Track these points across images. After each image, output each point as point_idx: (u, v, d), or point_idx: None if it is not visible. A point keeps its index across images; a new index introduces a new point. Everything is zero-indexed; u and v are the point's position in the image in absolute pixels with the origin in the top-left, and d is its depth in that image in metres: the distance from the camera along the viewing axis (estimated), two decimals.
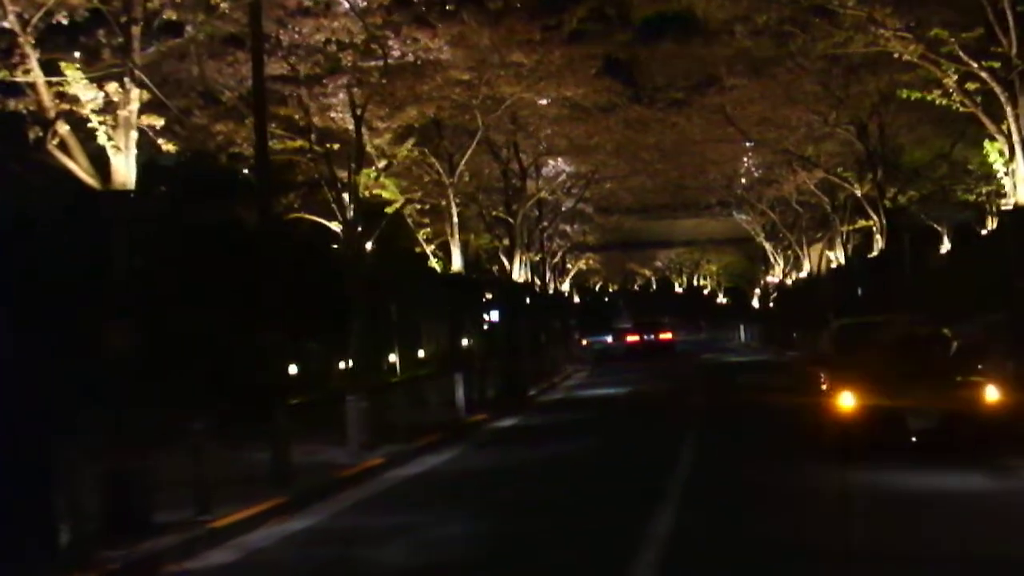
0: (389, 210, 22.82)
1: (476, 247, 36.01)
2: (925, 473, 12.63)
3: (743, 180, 45.13)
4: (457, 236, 26.64)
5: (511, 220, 32.87)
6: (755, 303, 67.94)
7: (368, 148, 20.74)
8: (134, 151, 11.45)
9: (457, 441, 19.57)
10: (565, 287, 59.87)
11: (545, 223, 41.15)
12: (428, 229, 27.77)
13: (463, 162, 26.71)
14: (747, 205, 49.08)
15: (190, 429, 11.93)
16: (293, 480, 14.13)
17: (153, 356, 12.49)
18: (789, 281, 52.67)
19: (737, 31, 22.12)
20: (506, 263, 33.94)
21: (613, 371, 42.19)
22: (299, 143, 20.10)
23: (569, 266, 58.65)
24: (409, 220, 26.92)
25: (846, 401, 14.04)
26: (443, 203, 26.65)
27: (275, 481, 13.95)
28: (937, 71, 17.77)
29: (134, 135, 11.46)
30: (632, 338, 58.12)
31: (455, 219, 26.52)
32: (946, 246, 39.80)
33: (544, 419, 24.09)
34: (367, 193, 20.11)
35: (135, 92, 11.45)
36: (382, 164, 20.93)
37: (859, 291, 34.81)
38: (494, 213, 33.65)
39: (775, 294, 56.58)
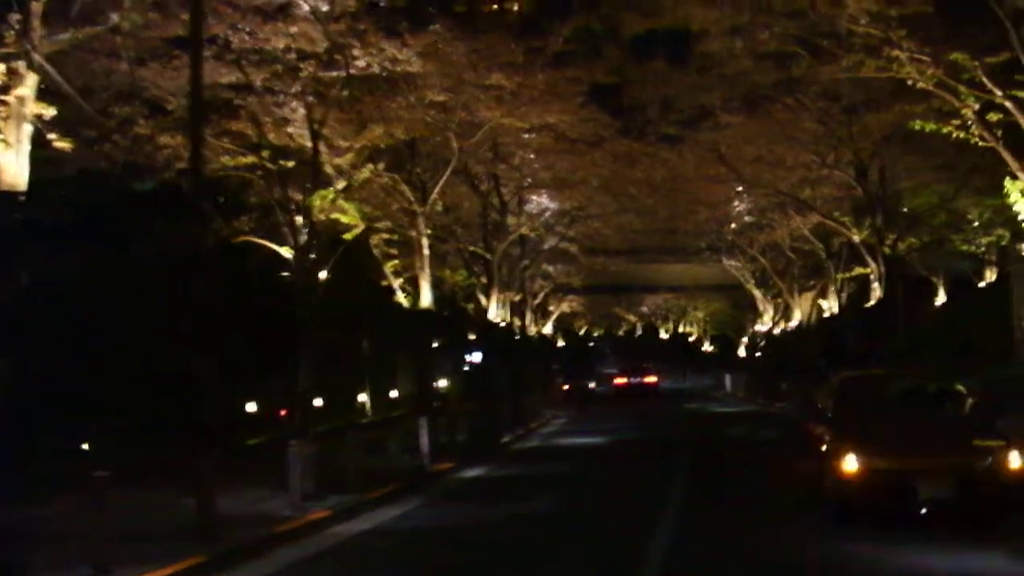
0: (348, 236, 21.20)
1: (452, 283, 34.54)
2: (939, 551, 11.05)
3: (734, 225, 44.06)
4: (427, 270, 25.15)
5: (489, 256, 31.40)
6: (742, 352, 67.17)
7: (327, 168, 19.11)
8: (27, 147, 9.76)
9: (416, 493, 17.99)
10: (548, 329, 59.32)
11: (527, 261, 39.68)
12: (396, 262, 26.17)
13: (436, 190, 25.17)
14: (738, 250, 48.14)
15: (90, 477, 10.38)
16: (220, 535, 12.51)
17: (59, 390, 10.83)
18: (777, 330, 51.67)
19: (737, 47, 20.56)
20: (483, 301, 32.47)
21: (594, 418, 40.66)
22: (250, 159, 18.48)
23: (552, 308, 57.96)
24: (376, 251, 25.35)
25: (849, 464, 12.48)
26: (413, 234, 25.03)
27: (199, 536, 12.33)
28: (955, 100, 16.22)
29: (28, 128, 9.79)
30: (620, 380, 63.49)
31: (425, 251, 25.05)
32: (941, 297, 38.72)
33: (515, 470, 22.43)
34: (323, 216, 18.42)
35: (32, 79, 9.79)
36: (341, 185, 19.23)
37: (849, 341, 33.56)
38: (471, 249, 32.18)
39: (763, 343, 55.69)
